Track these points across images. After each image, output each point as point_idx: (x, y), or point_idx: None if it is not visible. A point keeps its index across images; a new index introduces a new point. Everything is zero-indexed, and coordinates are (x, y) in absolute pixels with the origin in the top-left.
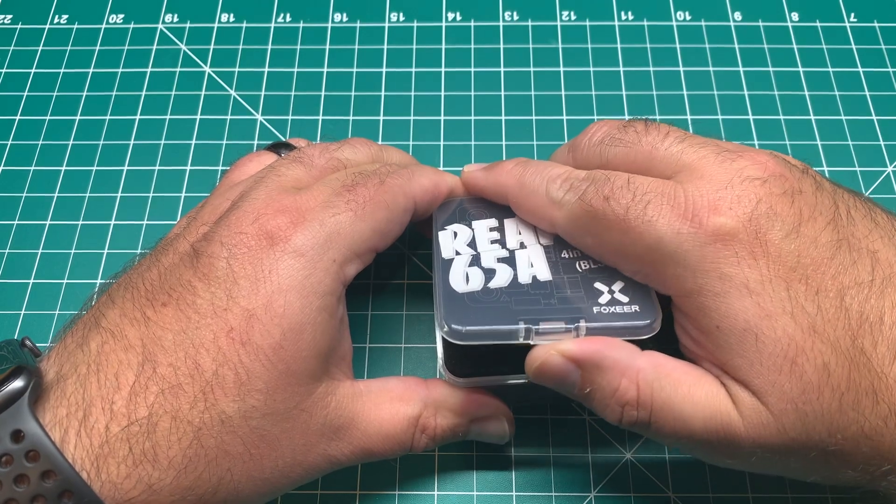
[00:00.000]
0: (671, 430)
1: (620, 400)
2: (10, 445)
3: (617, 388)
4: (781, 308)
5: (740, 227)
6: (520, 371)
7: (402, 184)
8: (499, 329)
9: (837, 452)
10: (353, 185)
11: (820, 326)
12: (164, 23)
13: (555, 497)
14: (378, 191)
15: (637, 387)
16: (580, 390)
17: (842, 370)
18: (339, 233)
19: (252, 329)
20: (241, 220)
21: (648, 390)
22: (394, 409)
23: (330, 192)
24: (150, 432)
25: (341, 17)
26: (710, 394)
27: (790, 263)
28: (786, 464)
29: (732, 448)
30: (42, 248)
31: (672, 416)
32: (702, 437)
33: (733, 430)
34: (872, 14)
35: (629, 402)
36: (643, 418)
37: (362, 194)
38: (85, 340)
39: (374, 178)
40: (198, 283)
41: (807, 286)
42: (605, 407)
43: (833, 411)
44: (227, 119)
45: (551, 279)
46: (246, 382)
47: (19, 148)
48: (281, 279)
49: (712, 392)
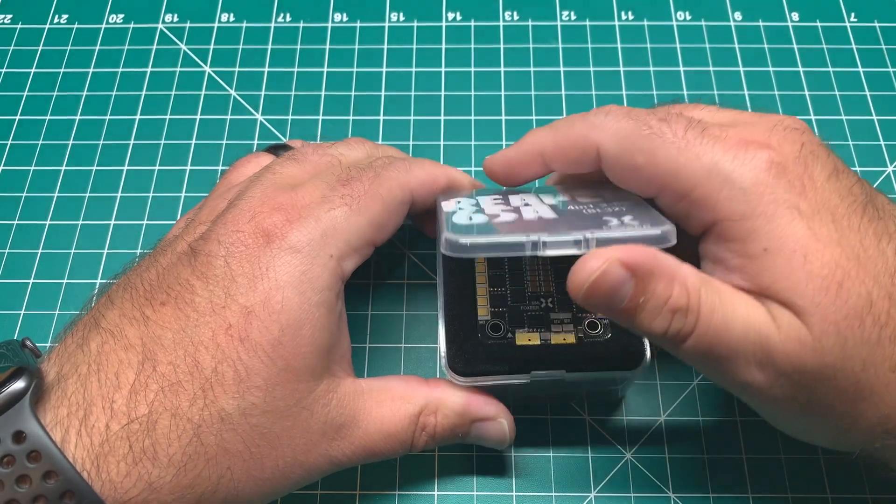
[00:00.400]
0: (710, 341)
1: (673, 306)
2: (11, 446)
3: (671, 294)
4: (829, 235)
5: (790, 161)
6: (523, 371)
7: (398, 176)
8: (504, 241)
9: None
10: (348, 179)
11: (864, 259)
12: (164, 23)
13: (555, 497)
14: (373, 184)
15: (688, 292)
16: (632, 301)
17: (882, 304)
18: (336, 228)
19: (250, 325)
20: (237, 219)
21: (697, 296)
22: (395, 407)
23: (325, 187)
24: (149, 430)
25: (341, 17)
26: (749, 306)
27: (833, 201)
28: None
29: (764, 364)
30: (42, 248)
31: (715, 323)
32: (737, 348)
33: (770, 343)
34: (872, 14)
35: (680, 308)
36: (689, 326)
37: (357, 188)
38: (85, 341)
39: (369, 172)
40: (196, 281)
41: (849, 223)
42: (657, 316)
43: (872, 342)
44: (227, 119)
45: (557, 217)
46: (245, 379)
47: (19, 148)
48: (278, 276)
49: (752, 306)
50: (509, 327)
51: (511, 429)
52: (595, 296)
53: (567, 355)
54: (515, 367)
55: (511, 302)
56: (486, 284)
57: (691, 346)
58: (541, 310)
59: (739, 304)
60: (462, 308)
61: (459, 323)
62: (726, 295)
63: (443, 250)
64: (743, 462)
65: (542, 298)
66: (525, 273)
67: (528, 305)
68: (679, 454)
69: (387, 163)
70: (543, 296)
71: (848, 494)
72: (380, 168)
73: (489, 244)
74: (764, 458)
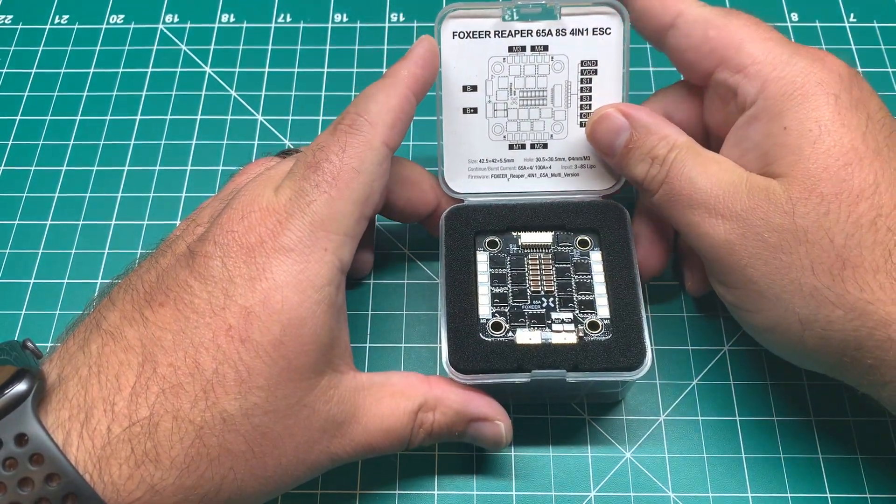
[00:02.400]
0: (675, 188)
1: (653, 154)
2: (14, 449)
3: (654, 145)
4: (858, 125)
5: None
6: (523, 370)
7: (366, 136)
8: None
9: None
10: (316, 162)
11: (884, 154)
12: (164, 23)
13: (555, 497)
14: (343, 159)
15: (669, 147)
16: (626, 147)
17: (889, 198)
18: (322, 220)
19: (251, 326)
20: (231, 219)
21: (674, 151)
22: (394, 403)
23: (298, 179)
24: (151, 432)
25: (341, 17)
26: (727, 167)
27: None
28: (776, 257)
29: (726, 216)
30: (42, 248)
31: (684, 174)
32: (700, 199)
33: (736, 197)
34: (872, 14)
35: (658, 157)
36: (662, 175)
37: (328, 170)
38: (86, 342)
39: (335, 146)
40: (194, 282)
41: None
42: (640, 162)
43: (864, 225)
44: (227, 119)
45: None
46: (247, 380)
47: (19, 148)
48: (276, 276)
49: (730, 167)
50: (510, 325)
51: (508, 432)
52: (597, 132)
53: (568, 355)
54: (516, 365)
55: (512, 300)
56: (488, 283)
57: (662, 194)
58: (542, 308)
59: (712, 164)
60: (463, 306)
61: (461, 321)
62: (704, 156)
63: None
64: (743, 462)
65: (544, 298)
66: (526, 272)
67: (530, 304)
68: (679, 454)
69: (347, 126)
70: (545, 295)
71: (848, 494)
72: (344, 135)
73: None
74: (764, 457)
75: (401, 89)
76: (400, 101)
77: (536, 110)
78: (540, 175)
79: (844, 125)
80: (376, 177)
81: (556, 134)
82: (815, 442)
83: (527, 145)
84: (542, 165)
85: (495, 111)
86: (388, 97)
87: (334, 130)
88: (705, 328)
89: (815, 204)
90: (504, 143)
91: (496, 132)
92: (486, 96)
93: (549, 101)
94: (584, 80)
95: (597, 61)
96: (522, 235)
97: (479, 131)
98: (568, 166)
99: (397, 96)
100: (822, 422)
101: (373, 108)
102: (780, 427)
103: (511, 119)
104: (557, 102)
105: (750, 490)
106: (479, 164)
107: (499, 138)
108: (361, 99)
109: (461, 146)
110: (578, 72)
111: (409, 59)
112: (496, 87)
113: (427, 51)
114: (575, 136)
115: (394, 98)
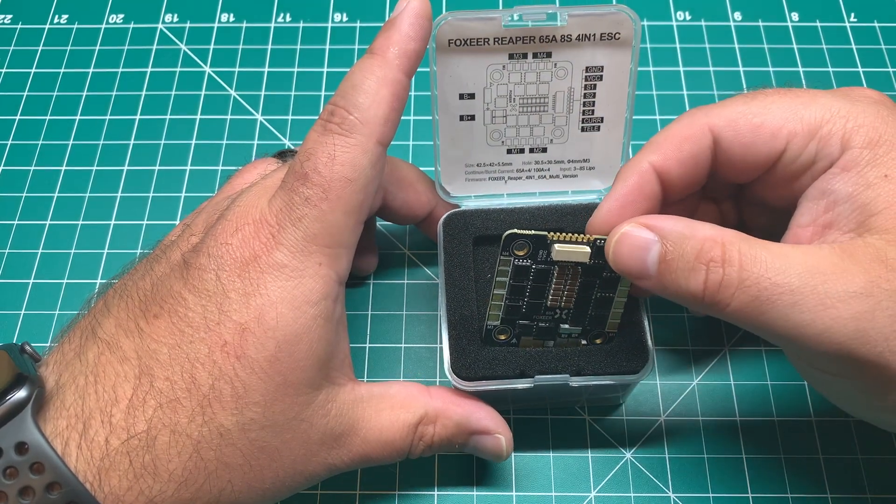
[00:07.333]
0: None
1: (704, 258)
2: (14, 457)
3: (700, 248)
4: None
5: (881, 96)
6: (526, 375)
7: (355, 137)
8: None
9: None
10: (304, 173)
11: None
12: (164, 23)
13: (555, 497)
14: (333, 168)
15: (722, 245)
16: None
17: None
18: (314, 234)
19: (246, 343)
20: (225, 231)
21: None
22: (394, 415)
23: (288, 191)
24: (149, 446)
25: (341, 17)
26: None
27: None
28: None
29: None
30: (42, 248)
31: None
32: (811, 288)
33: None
34: (872, 14)
35: (714, 259)
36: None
37: (318, 182)
38: (83, 350)
39: (323, 154)
40: (189, 295)
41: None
42: (691, 271)
43: None
44: (227, 119)
45: None
46: (243, 396)
47: (19, 148)
48: (270, 292)
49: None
50: (515, 333)
51: (509, 444)
52: (621, 255)
53: (570, 360)
54: (519, 371)
55: (525, 312)
56: (506, 292)
57: (743, 302)
58: (552, 321)
59: (785, 248)
60: (465, 311)
61: (463, 327)
62: (769, 244)
63: None
64: (743, 462)
65: (558, 310)
66: (549, 286)
67: (542, 316)
68: (679, 454)
69: (339, 124)
70: (560, 308)
71: (848, 494)
72: (333, 138)
73: None
74: (764, 457)
75: (392, 73)
76: (392, 88)
77: (537, 116)
78: (538, 177)
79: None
80: (370, 180)
81: (556, 139)
82: (815, 442)
83: (525, 150)
84: (540, 168)
85: (493, 118)
86: (379, 86)
87: (323, 131)
88: (705, 328)
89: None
90: (502, 147)
91: (494, 138)
92: (484, 104)
93: (551, 107)
94: (588, 85)
95: (603, 67)
96: (556, 248)
97: (477, 137)
98: (567, 168)
99: (389, 83)
100: (822, 422)
101: (363, 102)
102: (781, 427)
103: (510, 125)
104: (559, 108)
105: (750, 490)
106: (476, 167)
107: (497, 143)
108: (350, 89)
109: (458, 151)
110: (583, 78)
111: (398, 31)
112: (495, 95)
113: (417, 16)
114: (575, 139)
115: (385, 86)
